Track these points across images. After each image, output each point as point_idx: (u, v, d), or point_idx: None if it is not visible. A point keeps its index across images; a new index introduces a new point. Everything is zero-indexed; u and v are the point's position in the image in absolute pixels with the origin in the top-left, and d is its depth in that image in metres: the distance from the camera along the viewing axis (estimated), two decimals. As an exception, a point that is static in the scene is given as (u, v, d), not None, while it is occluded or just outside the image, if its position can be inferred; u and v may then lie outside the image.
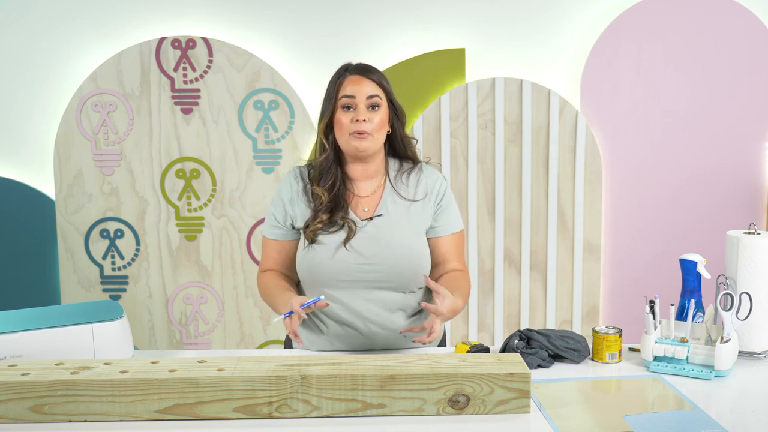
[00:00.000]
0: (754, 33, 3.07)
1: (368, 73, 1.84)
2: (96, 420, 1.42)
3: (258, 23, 3.12)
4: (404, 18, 3.12)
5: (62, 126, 3.13)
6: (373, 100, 1.81)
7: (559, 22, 3.12)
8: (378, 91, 1.83)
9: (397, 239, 1.82)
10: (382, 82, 1.84)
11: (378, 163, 1.89)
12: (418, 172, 1.91)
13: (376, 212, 1.85)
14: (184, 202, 3.17)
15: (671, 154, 3.15)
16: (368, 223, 1.84)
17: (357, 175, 1.88)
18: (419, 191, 1.88)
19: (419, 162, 1.93)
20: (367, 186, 1.88)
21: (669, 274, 2.79)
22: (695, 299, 1.77)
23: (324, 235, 1.82)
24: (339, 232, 1.82)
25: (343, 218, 1.82)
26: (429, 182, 1.89)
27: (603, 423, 1.42)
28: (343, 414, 1.43)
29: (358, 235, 1.82)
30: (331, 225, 1.82)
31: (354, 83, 1.82)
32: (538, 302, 3.21)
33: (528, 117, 3.10)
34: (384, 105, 1.84)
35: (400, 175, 1.90)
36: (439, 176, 1.92)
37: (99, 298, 3.21)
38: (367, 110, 1.81)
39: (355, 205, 1.86)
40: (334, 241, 1.81)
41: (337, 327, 1.86)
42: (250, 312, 3.22)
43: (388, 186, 1.88)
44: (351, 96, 1.81)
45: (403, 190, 1.88)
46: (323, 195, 1.83)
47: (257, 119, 3.13)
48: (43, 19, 3.12)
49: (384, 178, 1.89)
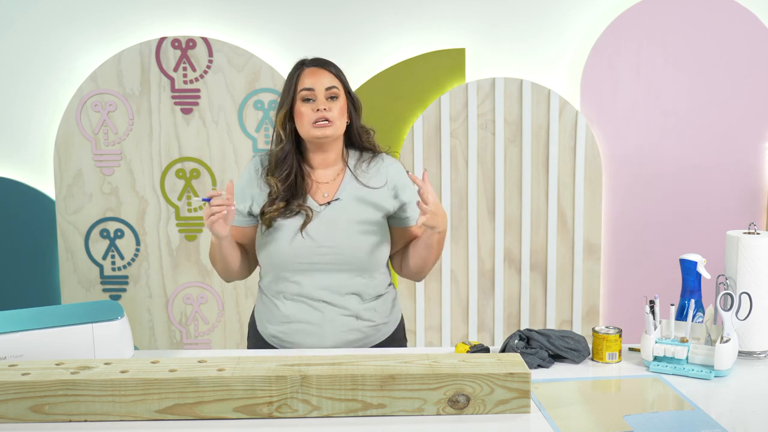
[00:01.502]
0: (754, 33, 3.07)
1: (326, 66, 1.90)
2: (96, 420, 1.42)
3: (258, 23, 3.12)
4: (404, 18, 3.12)
5: (62, 126, 3.13)
6: (331, 91, 1.86)
7: (559, 22, 3.12)
8: (336, 83, 1.88)
9: (354, 222, 1.86)
10: (339, 74, 1.90)
11: (337, 152, 1.93)
12: (379, 161, 1.95)
13: (335, 197, 1.89)
14: (184, 202, 3.17)
15: (671, 154, 3.15)
16: (326, 208, 1.88)
17: (317, 163, 1.93)
18: (379, 179, 1.92)
19: (379, 152, 1.98)
20: (326, 173, 1.93)
21: (669, 274, 2.79)
22: (695, 299, 1.77)
23: (281, 220, 1.86)
24: (296, 217, 1.86)
25: (300, 206, 1.86)
26: (390, 171, 1.94)
27: (603, 423, 1.42)
28: (343, 414, 1.43)
29: (315, 220, 1.86)
30: (287, 212, 1.86)
31: (312, 75, 1.87)
32: (538, 302, 3.21)
33: (528, 117, 3.10)
34: (342, 95, 1.89)
35: (360, 164, 1.94)
36: (399, 166, 1.97)
37: (99, 298, 3.21)
38: (327, 100, 1.86)
39: (315, 191, 1.91)
40: (291, 225, 1.86)
41: (291, 305, 1.89)
42: (250, 312, 3.21)
43: (348, 173, 1.92)
44: (310, 88, 1.85)
45: (362, 177, 1.92)
46: (276, 185, 1.87)
47: (257, 119, 3.13)
48: (43, 19, 3.12)
49: (343, 166, 1.94)
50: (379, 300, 1.94)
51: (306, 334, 1.89)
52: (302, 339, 1.89)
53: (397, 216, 1.93)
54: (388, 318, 1.96)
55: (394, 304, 2.00)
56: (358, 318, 1.90)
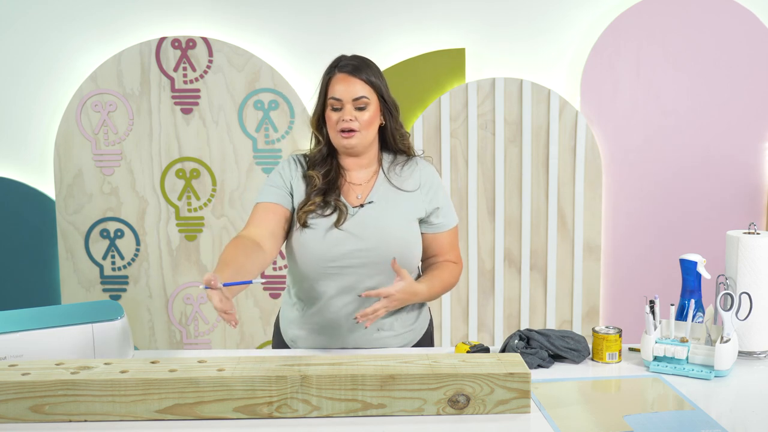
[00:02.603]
0: (754, 33, 3.07)
1: (358, 73, 1.84)
2: (96, 420, 1.42)
3: (258, 23, 3.12)
4: (404, 18, 3.12)
5: (62, 126, 3.13)
6: (360, 101, 1.83)
7: (559, 23, 3.12)
8: (366, 92, 1.83)
9: (388, 224, 1.84)
10: (371, 79, 1.85)
11: (370, 157, 1.92)
12: (413, 165, 1.93)
13: (368, 199, 1.87)
14: (184, 202, 3.17)
15: (671, 154, 3.15)
16: (359, 210, 1.86)
17: (350, 165, 1.91)
18: (412, 182, 1.90)
19: (413, 155, 1.96)
20: (360, 175, 1.91)
21: (669, 274, 2.79)
22: (695, 299, 1.77)
23: (316, 218, 1.83)
24: (331, 215, 1.83)
25: (336, 201, 1.84)
26: (423, 175, 1.92)
27: (603, 423, 1.42)
28: (343, 414, 1.43)
29: (350, 219, 1.84)
30: (323, 207, 1.84)
31: (342, 83, 1.83)
32: (538, 302, 3.21)
33: (528, 117, 3.10)
34: (373, 103, 1.85)
35: (394, 167, 1.92)
36: (433, 170, 1.95)
37: (99, 298, 3.21)
38: (354, 110, 1.83)
39: (348, 192, 1.89)
40: (326, 223, 1.83)
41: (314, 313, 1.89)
42: (250, 312, 3.21)
43: (381, 175, 1.91)
44: (338, 99, 1.83)
45: (396, 180, 1.90)
46: (317, 177, 1.86)
47: (257, 119, 3.13)
48: (43, 19, 3.12)
49: (377, 168, 1.92)
50: (404, 310, 1.92)
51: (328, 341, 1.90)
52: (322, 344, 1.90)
53: (428, 222, 1.91)
54: (412, 326, 1.95)
55: (420, 312, 1.98)
56: (380, 329, 1.89)
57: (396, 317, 1.91)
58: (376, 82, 1.86)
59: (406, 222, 1.87)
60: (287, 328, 1.96)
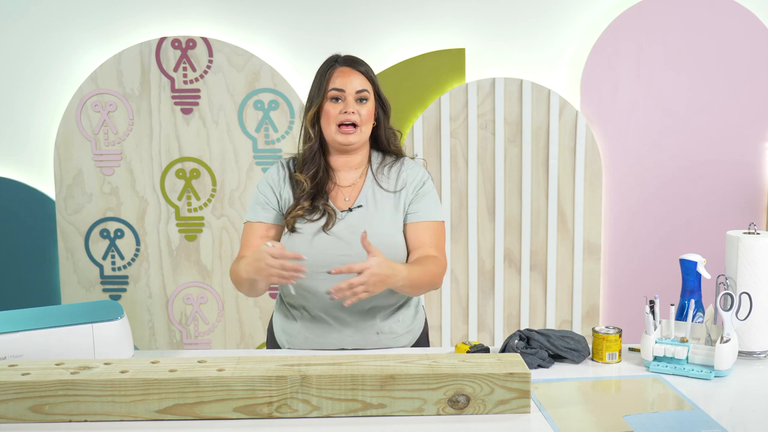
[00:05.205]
0: (754, 33, 3.07)
1: (357, 66, 1.86)
2: (96, 420, 1.42)
3: (258, 23, 3.12)
4: (404, 18, 3.12)
5: (62, 126, 3.13)
6: (361, 93, 1.84)
7: (559, 22, 3.12)
8: (366, 85, 1.86)
9: (376, 229, 1.83)
10: (370, 74, 1.88)
11: (362, 156, 1.91)
12: (400, 166, 1.93)
13: (356, 203, 1.87)
14: (184, 202, 3.17)
15: (671, 154, 3.15)
16: (348, 214, 1.85)
17: (339, 165, 1.91)
18: (399, 183, 1.90)
19: (402, 156, 1.95)
20: (348, 176, 1.90)
21: (669, 274, 2.79)
22: (695, 299, 1.77)
23: (304, 223, 1.83)
24: (319, 220, 1.83)
25: (324, 205, 1.84)
26: (409, 175, 1.91)
27: (603, 423, 1.42)
28: (343, 414, 1.43)
29: (338, 223, 1.83)
30: (311, 212, 1.84)
31: (344, 75, 1.84)
32: (538, 302, 3.21)
33: (528, 117, 3.10)
34: (372, 98, 1.87)
35: (382, 168, 1.92)
36: (421, 169, 1.94)
37: (99, 298, 3.21)
38: (356, 103, 1.84)
39: (335, 195, 1.88)
40: (314, 228, 1.83)
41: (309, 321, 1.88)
42: (250, 312, 3.21)
43: (370, 176, 1.90)
44: (341, 89, 1.83)
45: (384, 182, 1.90)
46: (306, 182, 1.85)
47: (257, 119, 3.13)
48: (43, 19, 3.12)
49: (366, 168, 1.91)
50: (401, 311, 1.92)
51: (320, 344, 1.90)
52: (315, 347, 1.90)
53: (407, 211, 1.88)
54: (410, 326, 1.95)
55: (417, 311, 1.98)
56: (379, 333, 1.89)
57: (395, 319, 1.91)
58: (374, 79, 1.89)
59: (393, 225, 1.87)
60: (280, 333, 1.97)
